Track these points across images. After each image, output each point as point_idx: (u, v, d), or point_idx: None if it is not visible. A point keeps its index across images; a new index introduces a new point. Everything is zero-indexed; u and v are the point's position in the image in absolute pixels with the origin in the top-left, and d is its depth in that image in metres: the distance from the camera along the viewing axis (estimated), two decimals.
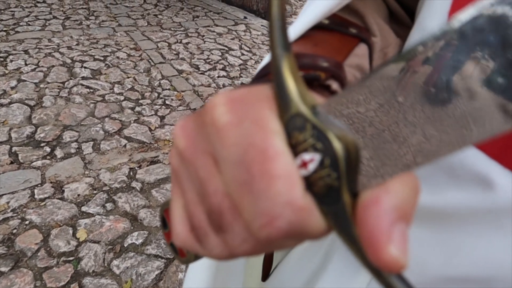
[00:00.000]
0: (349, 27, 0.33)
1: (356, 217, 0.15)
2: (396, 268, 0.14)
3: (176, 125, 0.19)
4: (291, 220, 0.16)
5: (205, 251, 0.20)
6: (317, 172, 0.16)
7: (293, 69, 0.17)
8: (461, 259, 0.29)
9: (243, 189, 0.16)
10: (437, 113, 0.13)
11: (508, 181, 0.26)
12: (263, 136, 0.16)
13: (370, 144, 0.16)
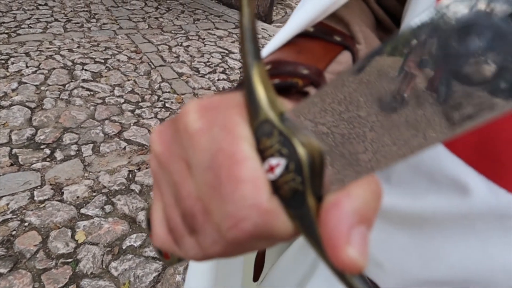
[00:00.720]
0: (333, 35, 0.33)
1: (319, 220, 0.16)
2: (354, 269, 0.15)
3: (153, 131, 0.20)
4: (257, 222, 0.16)
5: (182, 252, 0.21)
6: (283, 176, 0.17)
7: (263, 77, 0.18)
8: (439, 262, 0.29)
9: (212, 192, 0.17)
10: (389, 120, 0.14)
11: (483, 187, 0.27)
12: (231, 142, 0.17)
13: (333, 149, 0.16)
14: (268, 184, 0.17)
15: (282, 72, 0.26)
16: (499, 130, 0.26)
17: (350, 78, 0.15)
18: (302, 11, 0.32)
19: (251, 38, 0.18)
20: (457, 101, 0.12)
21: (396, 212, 0.32)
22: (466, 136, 0.28)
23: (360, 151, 0.15)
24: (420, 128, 0.13)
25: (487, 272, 0.27)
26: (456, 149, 0.28)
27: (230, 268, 0.51)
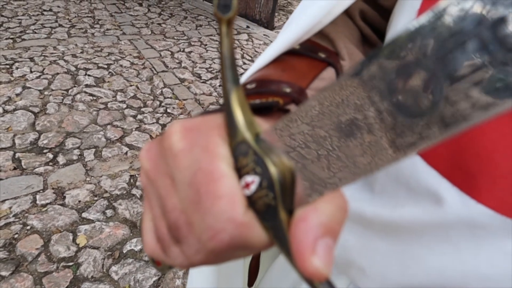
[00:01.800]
0: (318, 52, 0.35)
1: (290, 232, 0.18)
2: (319, 277, 0.17)
3: (142, 149, 0.22)
4: (233, 234, 0.18)
5: (170, 259, 0.23)
6: (257, 192, 0.18)
7: (241, 100, 0.20)
8: (416, 269, 0.31)
9: (194, 207, 0.19)
10: (347, 144, 0.16)
11: (455, 197, 0.28)
12: (210, 161, 0.19)
13: (303, 166, 0.18)
14: (244, 199, 0.19)
15: (266, 91, 0.27)
16: (470, 144, 0.28)
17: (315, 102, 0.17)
18: (288, 30, 0.34)
19: (230, 66, 0.20)
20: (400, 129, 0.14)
21: (377, 220, 0.33)
22: (442, 149, 0.29)
23: (325, 169, 0.17)
24: (371, 153, 0.15)
25: (460, 278, 0.29)
26: (432, 161, 0.30)
27: (232, 269, 0.53)
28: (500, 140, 0.27)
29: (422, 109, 0.13)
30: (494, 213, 0.27)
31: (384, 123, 0.14)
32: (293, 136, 0.18)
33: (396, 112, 0.14)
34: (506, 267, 0.27)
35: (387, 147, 0.14)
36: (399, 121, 0.14)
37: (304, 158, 0.18)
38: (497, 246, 0.27)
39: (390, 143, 0.14)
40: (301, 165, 0.18)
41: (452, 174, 0.29)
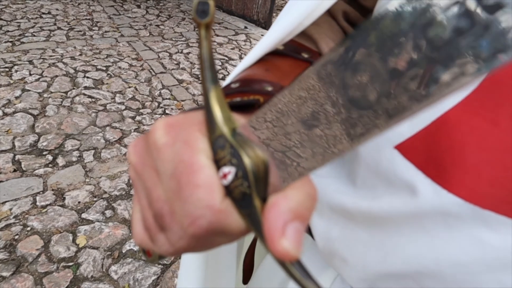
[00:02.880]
0: (301, 52, 0.37)
1: (263, 218, 0.20)
2: (288, 258, 0.18)
3: (130, 145, 0.24)
4: (211, 220, 0.20)
5: (156, 247, 0.24)
6: (233, 182, 0.20)
7: (219, 98, 0.22)
8: (394, 257, 0.33)
9: (176, 196, 0.20)
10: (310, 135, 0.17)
11: (429, 188, 0.30)
12: (190, 154, 0.20)
13: (274, 156, 0.20)
14: (222, 188, 0.20)
15: (249, 90, 0.29)
16: (443, 138, 0.29)
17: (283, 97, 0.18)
18: (272, 31, 0.36)
19: (209, 67, 0.22)
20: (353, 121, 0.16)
21: (358, 212, 0.35)
22: (418, 143, 0.31)
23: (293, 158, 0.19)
24: (330, 143, 0.17)
25: (434, 264, 0.31)
26: (409, 155, 0.32)
27: (221, 268, 0.55)
28: (470, 133, 0.29)
29: (370, 102, 0.15)
30: (464, 202, 0.28)
31: (340, 115, 0.16)
32: (265, 128, 0.20)
33: (349, 106, 0.15)
34: (475, 253, 0.29)
35: (343, 137, 0.16)
36: (352, 114, 0.15)
37: (275, 148, 0.19)
38: (468, 233, 0.29)
39: (345, 134, 0.16)
40: (271, 154, 0.20)
41: (426, 166, 0.31)
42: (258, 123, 0.20)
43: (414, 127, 0.31)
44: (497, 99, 0.28)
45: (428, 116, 0.30)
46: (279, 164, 0.20)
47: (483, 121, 0.28)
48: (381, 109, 0.14)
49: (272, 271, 0.55)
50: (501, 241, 0.28)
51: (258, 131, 0.20)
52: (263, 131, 0.20)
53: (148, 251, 0.31)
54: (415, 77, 0.13)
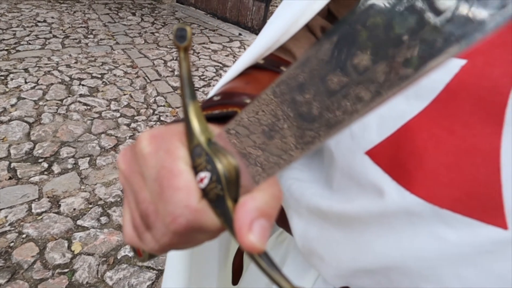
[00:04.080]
0: (280, 66, 0.40)
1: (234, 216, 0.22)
2: (254, 250, 0.21)
3: (119, 154, 0.27)
4: (189, 218, 0.23)
5: (144, 245, 0.27)
6: (209, 185, 0.23)
7: (197, 112, 0.24)
8: (365, 254, 0.35)
9: (159, 197, 0.23)
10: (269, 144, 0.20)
11: (394, 190, 0.33)
12: (171, 161, 0.23)
13: (245, 160, 0.22)
14: (199, 191, 0.23)
15: (229, 102, 0.32)
16: (407, 144, 0.32)
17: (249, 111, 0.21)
18: (253, 46, 0.39)
19: (188, 84, 0.25)
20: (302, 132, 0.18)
21: (333, 213, 0.38)
22: (386, 149, 0.34)
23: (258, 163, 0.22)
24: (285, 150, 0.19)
25: (400, 259, 0.33)
26: (378, 159, 0.35)
27: (204, 269, 0.57)
28: (429, 140, 0.32)
29: (314, 116, 0.18)
30: (424, 202, 0.31)
31: (291, 127, 0.19)
32: (237, 137, 0.23)
33: (298, 119, 0.18)
34: (435, 248, 0.31)
35: (293, 146, 0.19)
36: (300, 125, 0.18)
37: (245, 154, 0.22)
38: (429, 231, 0.32)
39: (296, 142, 0.19)
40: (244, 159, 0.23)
41: (392, 170, 0.34)
42: (231, 132, 0.23)
43: (382, 135, 0.34)
44: (452, 109, 0.31)
45: (393, 124, 0.33)
46: (249, 166, 0.22)
47: (440, 129, 0.31)
48: (323, 122, 0.17)
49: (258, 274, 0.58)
50: (458, 237, 0.31)
51: (232, 139, 0.23)
52: (235, 139, 0.23)
53: (139, 251, 0.34)
54: (346, 95, 0.16)
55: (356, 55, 0.15)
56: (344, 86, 0.16)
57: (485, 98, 0.30)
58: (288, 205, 0.43)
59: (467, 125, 0.30)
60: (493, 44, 0.30)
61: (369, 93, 0.15)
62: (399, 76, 0.15)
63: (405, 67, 0.14)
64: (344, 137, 0.37)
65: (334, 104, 0.17)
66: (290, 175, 0.44)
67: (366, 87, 0.15)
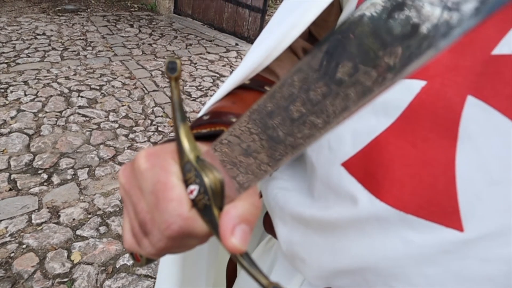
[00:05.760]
0: (264, 85, 0.44)
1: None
2: (236, 251, 0.25)
3: (120, 169, 0.31)
4: (181, 225, 0.26)
5: (142, 250, 0.31)
6: (198, 196, 0.27)
7: (187, 133, 0.28)
8: (343, 257, 0.39)
9: (155, 208, 0.27)
10: (247, 160, 0.24)
11: (366, 198, 0.37)
12: (165, 176, 0.27)
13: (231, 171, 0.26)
14: (189, 201, 0.27)
15: (217, 121, 0.36)
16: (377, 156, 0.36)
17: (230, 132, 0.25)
18: (239, 68, 0.43)
19: (178, 109, 0.29)
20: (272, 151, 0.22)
21: (314, 220, 0.42)
22: (360, 160, 0.38)
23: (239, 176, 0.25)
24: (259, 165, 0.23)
25: (373, 261, 0.37)
26: (352, 170, 0.38)
27: (195, 271, 0.61)
28: (395, 152, 0.36)
29: (281, 138, 0.22)
30: (392, 208, 0.35)
31: (264, 146, 0.23)
32: (221, 152, 0.27)
33: (269, 140, 0.22)
34: (403, 250, 0.35)
35: (265, 162, 0.23)
36: (271, 146, 0.22)
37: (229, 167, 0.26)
38: (397, 234, 0.36)
39: (267, 160, 0.23)
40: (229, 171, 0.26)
41: (365, 179, 0.37)
42: (216, 150, 0.27)
43: (355, 148, 0.38)
44: (415, 125, 0.35)
45: (365, 138, 0.37)
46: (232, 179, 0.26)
47: (405, 142, 0.35)
48: (288, 143, 0.21)
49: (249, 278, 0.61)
50: (422, 239, 0.35)
51: (218, 154, 0.27)
52: (221, 154, 0.27)
53: (137, 257, 0.37)
54: (304, 122, 0.20)
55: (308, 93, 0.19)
56: (302, 115, 0.20)
57: (442, 116, 0.34)
58: (274, 213, 0.47)
59: (427, 140, 0.34)
60: (448, 67, 0.34)
61: (321, 121, 0.19)
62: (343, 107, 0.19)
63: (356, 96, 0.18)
64: (323, 150, 0.41)
65: (295, 129, 0.21)
66: (276, 185, 0.47)
67: (318, 117, 0.19)
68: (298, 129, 0.20)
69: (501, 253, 0.32)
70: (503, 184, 0.31)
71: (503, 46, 0.31)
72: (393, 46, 0.16)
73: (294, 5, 0.44)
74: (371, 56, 0.17)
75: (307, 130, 0.20)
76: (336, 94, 0.18)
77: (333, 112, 0.19)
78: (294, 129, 0.21)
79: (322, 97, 0.19)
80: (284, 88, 0.21)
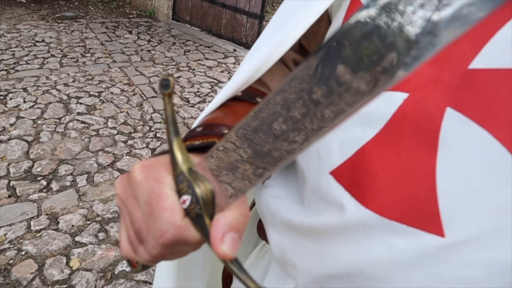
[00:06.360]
0: (256, 97, 0.46)
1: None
2: (226, 257, 0.27)
3: (116, 181, 0.32)
4: (174, 233, 0.28)
5: (139, 257, 0.33)
6: (190, 206, 0.29)
7: (180, 146, 0.30)
8: (332, 262, 0.41)
9: (149, 217, 0.29)
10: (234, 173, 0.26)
11: (352, 205, 0.38)
12: (159, 187, 0.29)
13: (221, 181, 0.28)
14: (182, 211, 0.29)
15: (209, 133, 0.38)
16: (363, 165, 0.38)
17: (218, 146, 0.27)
18: (231, 81, 0.45)
19: (172, 123, 0.30)
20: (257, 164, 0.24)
21: (305, 226, 0.43)
22: (347, 170, 0.40)
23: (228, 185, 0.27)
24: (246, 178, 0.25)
25: (360, 265, 0.39)
26: (339, 178, 0.40)
27: (190, 272, 0.62)
28: (380, 162, 0.37)
29: (265, 151, 0.23)
30: (376, 215, 0.37)
31: (250, 160, 0.25)
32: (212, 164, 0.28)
33: (254, 155, 0.24)
34: (387, 255, 0.37)
35: (252, 174, 0.25)
36: (256, 159, 0.24)
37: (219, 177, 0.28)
38: (382, 240, 0.37)
39: (254, 172, 0.25)
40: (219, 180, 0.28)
41: (351, 188, 0.39)
42: (207, 161, 0.29)
43: (342, 157, 0.40)
44: (398, 136, 0.37)
45: (352, 148, 0.39)
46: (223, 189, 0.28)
47: (389, 152, 0.37)
48: (271, 157, 0.23)
49: None
50: (405, 244, 0.36)
51: (209, 165, 0.29)
52: (212, 165, 0.28)
53: (133, 263, 0.39)
54: (286, 138, 0.22)
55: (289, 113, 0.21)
56: (284, 132, 0.22)
57: (423, 127, 0.35)
58: (266, 220, 0.49)
59: (409, 149, 0.36)
60: (429, 81, 0.36)
61: (302, 136, 0.21)
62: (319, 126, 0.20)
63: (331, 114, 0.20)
64: (313, 159, 0.43)
65: (275, 146, 0.22)
66: (268, 193, 0.49)
67: (299, 134, 0.21)
68: (281, 145, 0.22)
69: (480, 256, 0.34)
70: (481, 191, 0.33)
71: (478, 60, 0.33)
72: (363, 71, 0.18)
73: (283, 20, 0.46)
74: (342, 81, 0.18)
75: (288, 145, 0.22)
76: (314, 114, 0.20)
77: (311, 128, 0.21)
78: (277, 144, 0.22)
79: (301, 116, 0.21)
80: (267, 107, 0.22)
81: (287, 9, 0.48)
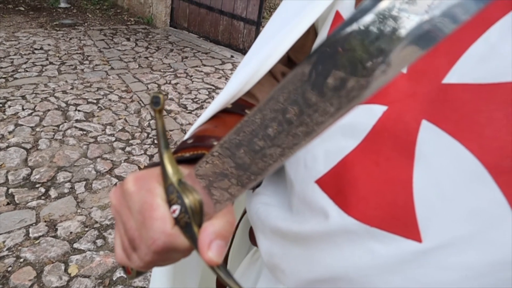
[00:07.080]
0: (245, 109, 0.48)
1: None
2: (213, 263, 0.29)
3: (111, 191, 0.34)
4: (165, 241, 0.30)
5: (132, 264, 0.34)
6: (179, 215, 0.31)
7: (170, 158, 0.32)
8: (318, 267, 0.43)
9: (142, 226, 0.31)
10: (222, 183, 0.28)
11: (335, 213, 0.40)
12: (151, 197, 0.31)
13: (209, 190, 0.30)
14: (172, 220, 0.31)
15: (200, 145, 0.40)
16: (346, 174, 0.40)
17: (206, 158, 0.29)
18: (221, 94, 0.47)
19: (162, 137, 0.32)
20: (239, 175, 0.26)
21: (292, 233, 0.45)
22: (329, 179, 0.42)
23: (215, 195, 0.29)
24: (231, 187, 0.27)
25: (344, 270, 0.40)
26: (324, 187, 0.42)
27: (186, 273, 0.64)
28: (361, 171, 0.39)
29: (247, 164, 0.25)
30: (358, 222, 0.39)
31: (233, 172, 0.27)
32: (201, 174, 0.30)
33: (237, 167, 0.26)
34: (369, 259, 0.39)
35: (236, 185, 0.27)
36: (239, 171, 0.26)
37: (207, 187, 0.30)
38: (363, 246, 0.39)
39: (238, 182, 0.27)
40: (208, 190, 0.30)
41: (335, 196, 0.41)
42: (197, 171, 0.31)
43: (327, 166, 0.42)
44: (378, 146, 0.39)
45: (335, 158, 0.41)
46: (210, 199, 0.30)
47: (370, 162, 0.39)
48: (252, 169, 0.25)
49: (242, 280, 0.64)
50: (386, 250, 0.38)
51: (197, 176, 0.31)
52: (200, 177, 0.30)
53: (128, 270, 0.41)
54: (264, 155, 0.24)
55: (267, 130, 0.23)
56: (262, 148, 0.24)
57: (401, 138, 0.37)
58: (256, 226, 0.51)
59: (389, 159, 0.38)
60: (406, 94, 0.38)
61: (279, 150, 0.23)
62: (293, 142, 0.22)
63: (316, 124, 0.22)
64: (300, 167, 0.45)
65: (257, 159, 0.24)
66: (259, 200, 0.51)
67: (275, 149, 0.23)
68: (260, 159, 0.24)
69: (456, 261, 0.36)
70: (454, 198, 0.35)
71: (451, 75, 0.36)
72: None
73: (271, 34, 0.48)
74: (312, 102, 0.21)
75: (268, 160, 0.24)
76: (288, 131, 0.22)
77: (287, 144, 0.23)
78: (256, 159, 0.25)
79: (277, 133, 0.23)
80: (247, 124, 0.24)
81: (275, 23, 0.50)
